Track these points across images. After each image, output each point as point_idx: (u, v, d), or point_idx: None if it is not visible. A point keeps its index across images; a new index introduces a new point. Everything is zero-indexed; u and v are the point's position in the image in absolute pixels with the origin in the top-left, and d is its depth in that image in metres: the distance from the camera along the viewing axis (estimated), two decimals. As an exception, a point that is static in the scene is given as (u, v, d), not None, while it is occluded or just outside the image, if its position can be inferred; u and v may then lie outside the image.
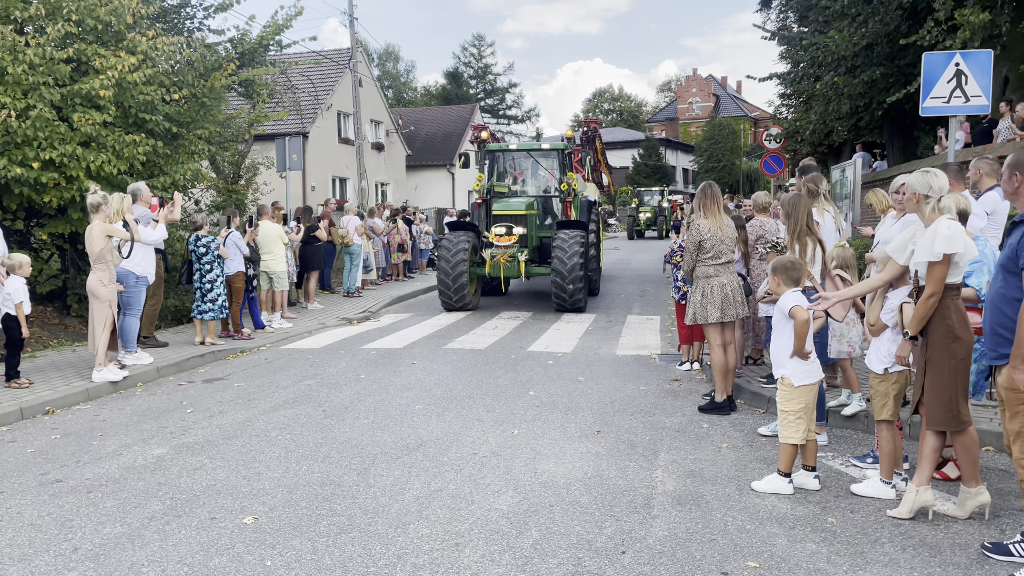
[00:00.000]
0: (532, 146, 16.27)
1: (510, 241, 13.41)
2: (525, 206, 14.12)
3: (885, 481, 4.93)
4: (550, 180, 15.74)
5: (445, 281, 13.45)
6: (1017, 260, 3.79)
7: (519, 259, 13.32)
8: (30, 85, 9.69)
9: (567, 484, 5.23)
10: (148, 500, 5.07)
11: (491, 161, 15.74)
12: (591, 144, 19.77)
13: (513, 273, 13.42)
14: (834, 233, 7.15)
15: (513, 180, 16.20)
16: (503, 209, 14.19)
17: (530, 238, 14.06)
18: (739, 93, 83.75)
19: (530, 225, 14.08)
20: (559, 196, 15.42)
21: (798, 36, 20.50)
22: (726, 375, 7.13)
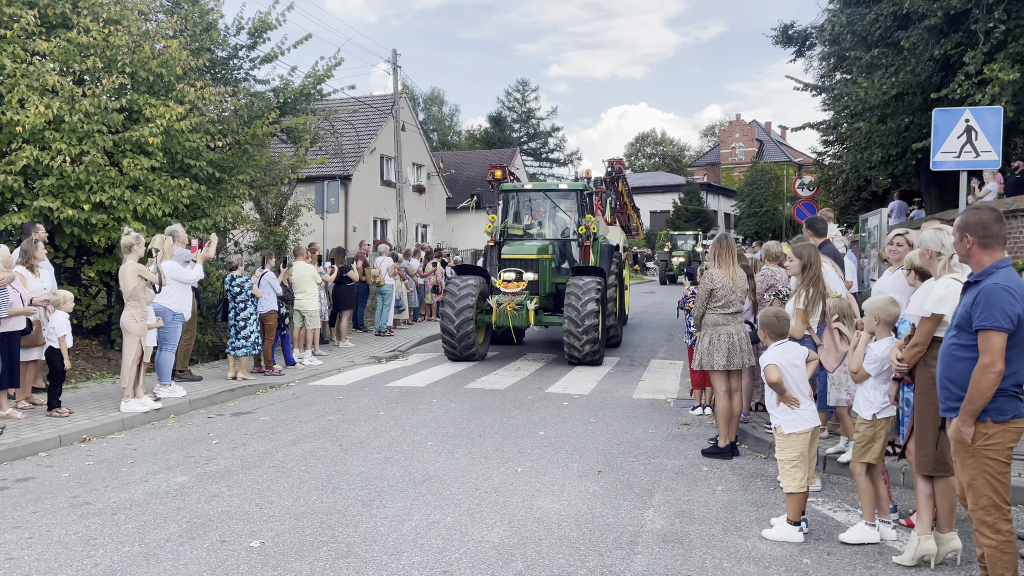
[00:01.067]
0: (548, 186, 15.34)
1: (518, 288, 12.61)
2: (537, 250, 13.15)
3: (870, 524, 5.06)
4: (569, 223, 14.75)
5: (449, 329, 12.68)
6: (971, 320, 3.98)
7: (528, 307, 12.49)
8: (85, 132, 10.41)
9: (559, 520, 5.47)
10: (166, 523, 5.44)
11: (505, 201, 14.80)
12: (614, 185, 19.08)
13: (521, 322, 12.55)
14: (836, 283, 7.32)
15: (528, 222, 15.28)
16: (513, 253, 13.24)
17: (543, 284, 13.13)
18: (783, 139, 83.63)
19: (543, 270, 13.18)
20: (577, 240, 14.46)
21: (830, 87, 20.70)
22: (730, 421, 7.30)
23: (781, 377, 5.28)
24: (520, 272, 12.75)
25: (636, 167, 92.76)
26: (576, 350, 12.31)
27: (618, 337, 15.19)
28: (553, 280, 13.64)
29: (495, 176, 14.96)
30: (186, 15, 13.53)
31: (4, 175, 9.84)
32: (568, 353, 12.43)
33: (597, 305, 12.21)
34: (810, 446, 5.32)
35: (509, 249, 13.42)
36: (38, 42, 10.67)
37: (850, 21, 17.44)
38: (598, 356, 12.52)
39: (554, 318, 13.21)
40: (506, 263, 13.11)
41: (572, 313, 12.14)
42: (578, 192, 14.54)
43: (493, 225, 14.51)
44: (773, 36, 22.52)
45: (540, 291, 12.97)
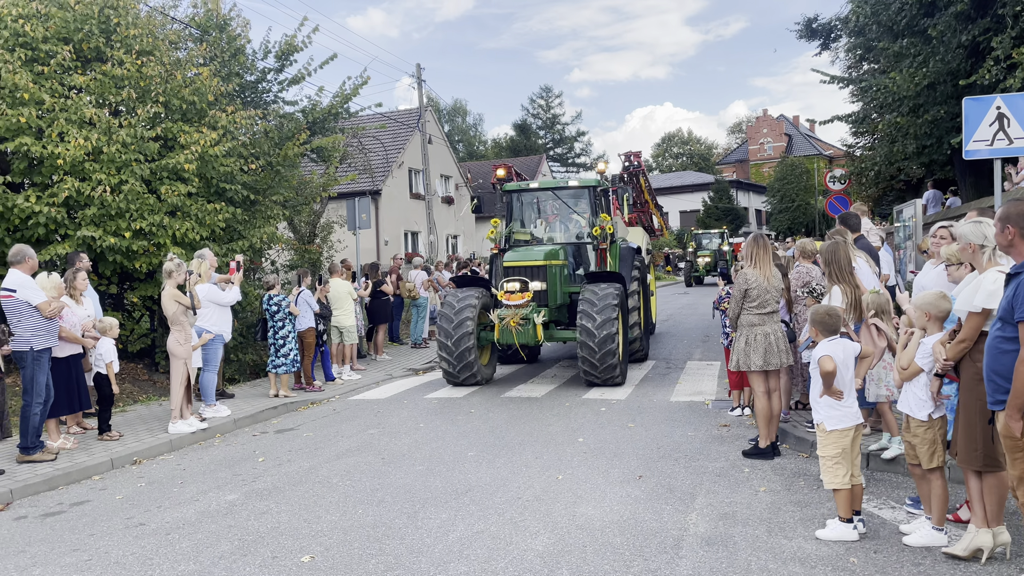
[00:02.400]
0: (557, 183, 13.61)
1: (523, 299, 11.05)
2: (544, 255, 11.68)
3: (938, 528, 4.99)
4: (583, 224, 13.31)
5: (447, 347, 11.25)
6: (1013, 312, 3.96)
7: (535, 321, 11.00)
8: (123, 162, 10.68)
9: (602, 526, 5.50)
10: (219, 541, 5.57)
11: (509, 203, 13.39)
12: (633, 181, 17.79)
13: (527, 339, 11.04)
14: (871, 280, 7.29)
15: (537, 225, 13.78)
16: (516, 260, 11.67)
17: (552, 294, 11.65)
18: (812, 132, 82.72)
19: (553, 278, 11.69)
20: (592, 243, 12.97)
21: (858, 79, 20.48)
22: (770, 421, 7.28)
23: (836, 368, 5.24)
24: (525, 281, 11.25)
25: (663, 167, 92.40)
26: (593, 370, 10.87)
27: (643, 351, 13.53)
28: (566, 289, 12.12)
29: (498, 176, 13.55)
30: (215, 42, 13.83)
31: (48, 207, 10.14)
32: (585, 374, 11.02)
33: (616, 316, 10.78)
34: (852, 443, 5.29)
35: (512, 256, 11.91)
36: (75, 76, 10.99)
37: (875, 11, 17.27)
38: (619, 377, 11.04)
39: (568, 332, 11.68)
40: (509, 271, 11.59)
41: (587, 327, 10.71)
42: (590, 189, 13.14)
43: (496, 230, 13.06)
44: (797, 30, 22.36)
45: (550, 302, 11.60)
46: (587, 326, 10.70)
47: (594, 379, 10.96)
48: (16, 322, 7.63)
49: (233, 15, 14.48)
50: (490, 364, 12.25)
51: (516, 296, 11.11)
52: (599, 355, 10.70)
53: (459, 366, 11.30)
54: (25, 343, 7.61)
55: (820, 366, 5.28)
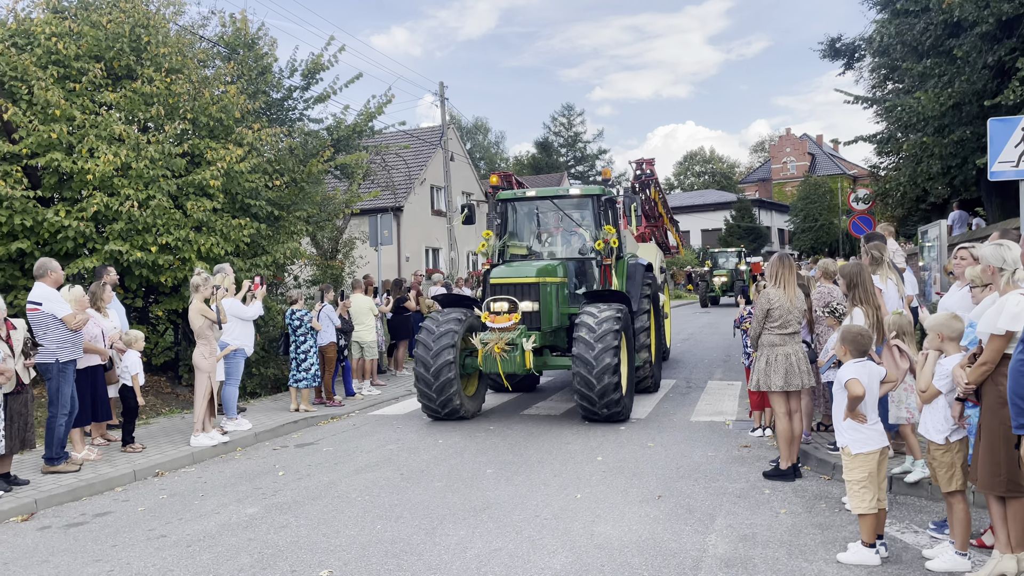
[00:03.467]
0: (556, 192, 12.10)
1: (509, 322, 9.80)
2: (537, 271, 10.31)
3: (961, 553, 4.92)
4: (587, 238, 11.87)
5: (424, 378, 9.95)
6: (1035, 332, 3.92)
7: (523, 347, 9.73)
8: (151, 178, 10.86)
9: (621, 546, 5.48)
10: (239, 554, 5.61)
11: (504, 213, 12.02)
12: (645, 191, 16.35)
13: (514, 368, 9.77)
14: (897, 301, 7.24)
15: (536, 238, 12.45)
16: (504, 276, 10.37)
17: (547, 315, 10.34)
18: (836, 151, 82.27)
19: (547, 298, 10.38)
20: (596, 258, 11.65)
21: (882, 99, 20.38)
22: (791, 443, 7.22)
23: (865, 392, 5.19)
24: (514, 301, 9.98)
25: (685, 185, 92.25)
26: (591, 405, 9.52)
27: (654, 380, 12.14)
28: (564, 310, 10.84)
29: (491, 183, 12.62)
30: (242, 60, 14.07)
31: (77, 221, 10.32)
32: (582, 408, 9.70)
33: (618, 342, 9.50)
34: (879, 467, 5.23)
35: (500, 272, 10.55)
36: (105, 93, 11.21)
37: (899, 31, 17.20)
38: (623, 412, 9.72)
39: (565, 360, 10.36)
40: (496, 290, 10.33)
41: (583, 355, 9.36)
42: (594, 198, 11.76)
43: (488, 243, 11.74)
44: (820, 50, 22.30)
45: (544, 325, 10.30)
46: (583, 354, 9.35)
47: (593, 415, 9.67)
48: (42, 334, 7.75)
49: (261, 34, 14.74)
50: (477, 395, 10.90)
51: (502, 318, 9.86)
52: (598, 388, 9.34)
53: (439, 399, 10.01)
54: (51, 355, 7.73)
55: (848, 389, 5.21)
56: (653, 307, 12.78)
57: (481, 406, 11.07)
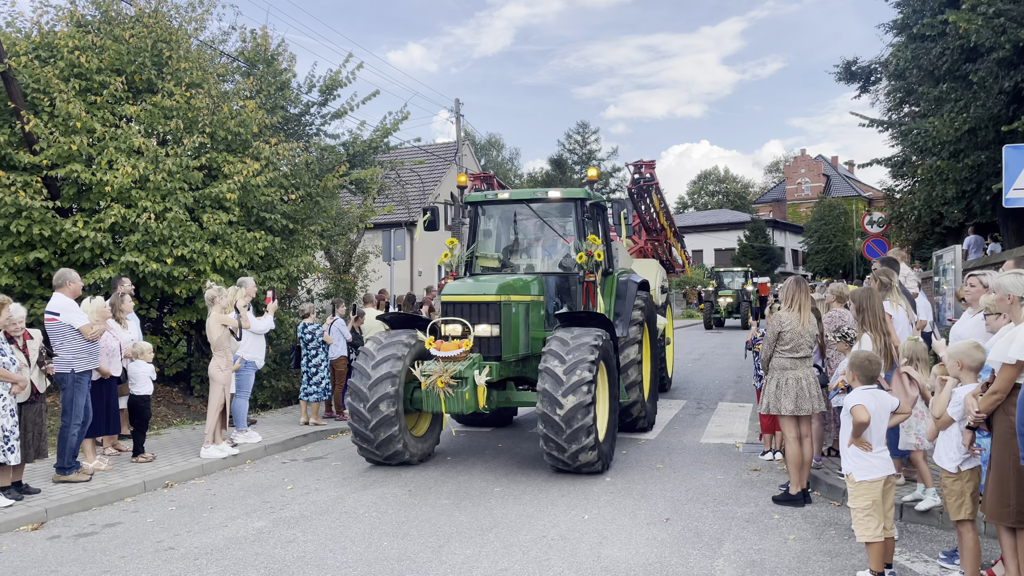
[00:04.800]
0: (532, 194, 10.16)
1: (458, 349, 8.09)
2: (499, 288, 8.58)
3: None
4: (573, 249, 9.98)
5: (358, 413, 8.34)
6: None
7: (474, 381, 7.99)
8: (168, 190, 10.98)
9: (628, 569, 5.46)
10: (245, 568, 5.63)
11: (473, 219, 10.33)
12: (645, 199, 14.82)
13: (460, 407, 8.04)
14: (907, 327, 7.21)
15: (511, 249, 10.57)
16: (457, 293, 8.72)
17: (512, 342, 8.66)
18: (851, 173, 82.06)
19: (514, 320, 8.69)
20: (578, 274, 9.81)
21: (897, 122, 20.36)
22: (801, 467, 7.18)
23: (870, 419, 5.15)
24: (465, 325, 8.31)
25: (699, 205, 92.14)
26: (559, 453, 7.82)
27: (648, 419, 10.52)
28: (538, 334, 9.12)
29: (459, 182, 10.89)
30: (262, 76, 14.23)
31: (94, 232, 10.44)
32: (547, 456, 7.99)
33: (594, 375, 7.79)
34: (885, 495, 5.19)
35: (454, 287, 8.91)
36: (126, 106, 11.36)
37: (915, 56, 17.21)
38: (598, 462, 7.97)
39: (532, 395, 8.64)
40: (448, 309, 8.65)
41: (549, 391, 7.72)
42: (577, 203, 9.87)
43: (453, 253, 10.03)
44: (836, 73, 22.32)
45: (507, 352, 8.61)
46: (550, 391, 7.71)
47: (560, 465, 7.99)
48: (59, 344, 7.83)
49: (281, 50, 14.90)
50: (429, 435, 9.19)
51: (450, 345, 8.15)
52: (567, 433, 7.62)
53: (376, 440, 8.32)
54: (66, 365, 7.81)
55: (853, 415, 5.19)
56: (648, 333, 11.16)
57: (435, 447, 9.35)
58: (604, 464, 8.21)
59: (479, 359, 8.27)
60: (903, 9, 18.33)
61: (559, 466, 8.04)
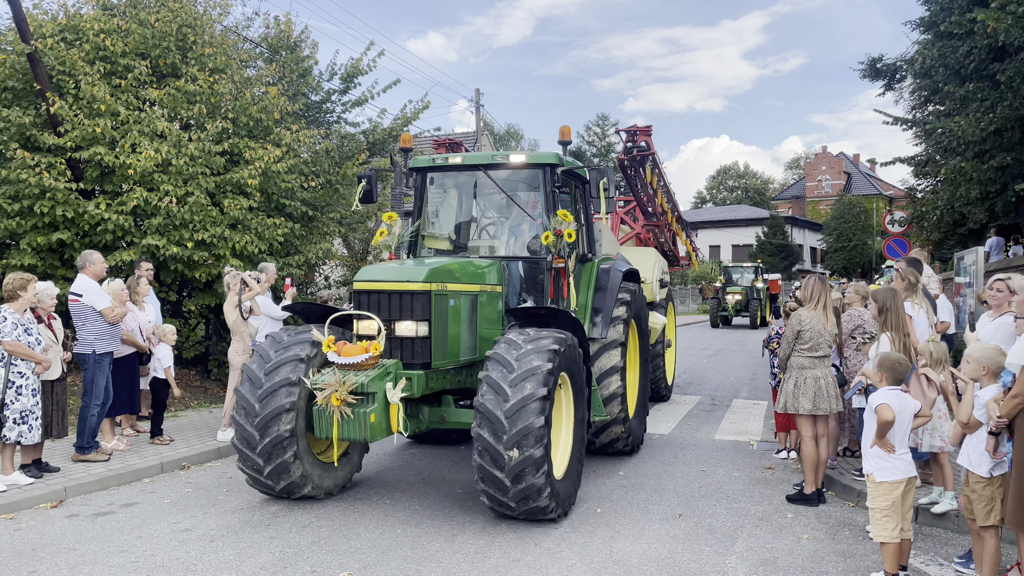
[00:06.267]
0: (489, 157, 8.28)
1: (364, 354, 6.08)
2: (428, 273, 6.63)
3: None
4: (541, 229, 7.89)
5: (245, 433, 6.45)
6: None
7: (385, 397, 6.09)
8: (190, 175, 11.05)
9: (639, 563, 5.47)
10: (261, 551, 5.68)
11: (420, 190, 8.52)
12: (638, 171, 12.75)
13: (362, 433, 6.02)
14: (927, 329, 7.15)
15: (467, 227, 8.67)
16: (370, 280, 6.76)
17: (449, 343, 6.79)
18: (872, 171, 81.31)
19: (451, 315, 6.82)
20: (545, 259, 7.88)
21: (922, 121, 20.14)
22: (816, 467, 7.14)
23: (895, 418, 5.12)
24: (378, 324, 6.26)
25: (718, 200, 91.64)
26: (499, 494, 5.93)
27: (632, 440, 8.71)
28: (494, 333, 7.34)
29: (402, 143, 8.86)
30: (284, 62, 14.27)
31: (116, 215, 10.53)
32: (485, 495, 6.07)
33: (548, 391, 5.91)
34: (904, 497, 5.16)
35: (368, 272, 6.91)
36: (149, 90, 11.44)
37: (942, 54, 17.01)
38: (551, 507, 6.04)
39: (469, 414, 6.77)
40: (361, 301, 6.71)
41: (489, 409, 5.86)
42: (545, 170, 8.04)
43: (392, 232, 7.99)
44: (860, 69, 22.10)
45: (438, 358, 6.66)
46: (490, 409, 5.85)
47: (502, 508, 6.07)
48: (80, 325, 7.92)
49: (303, 37, 14.93)
50: (344, 462, 7.22)
51: (354, 348, 6.15)
52: (510, 466, 5.73)
53: (268, 468, 6.47)
54: (88, 346, 7.90)
55: (878, 414, 5.14)
56: (636, 335, 9.37)
57: (352, 476, 7.40)
58: (563, 509, 6.29)
59: (396, 367, 6.31)
60: (930, 6, 18.09)
61: (500, 510, 6.09)
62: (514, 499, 5.90)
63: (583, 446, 6.99)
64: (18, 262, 10.36)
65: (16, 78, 11.02)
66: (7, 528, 6.20)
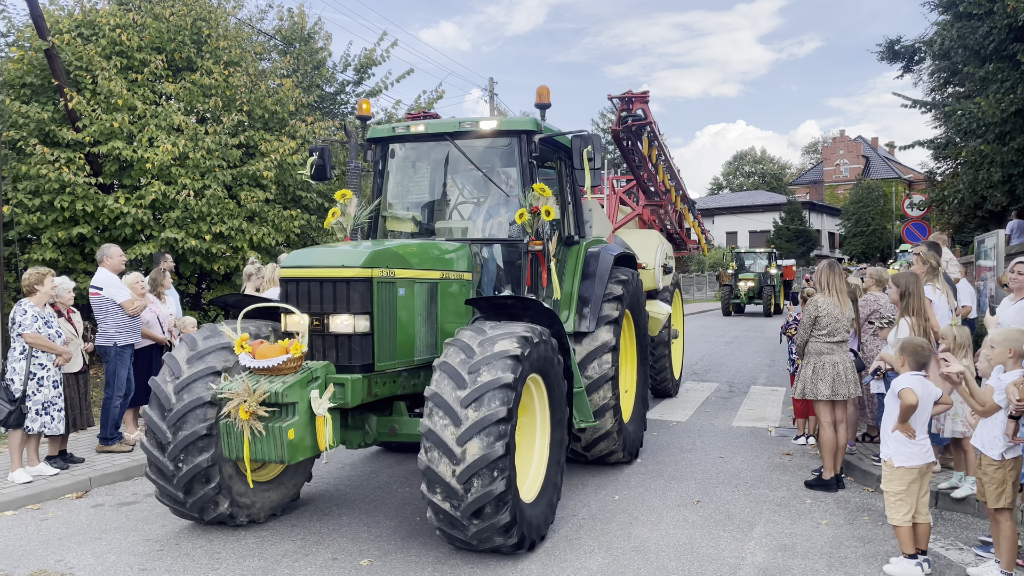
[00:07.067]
0: (456, 126, 7.11)
1: (283, 355, 5.14)
2: (369, 257, 5.56)
3: (1006, 573, 4.83)
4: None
5: (156, 446, 5.52)
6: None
7: (309, 407, 5.12)
8: (207, 168, 11.14)
9: (657, 549, 5.49)
10: (283, 539, 5.76)
11: (380, 162, 7.38)
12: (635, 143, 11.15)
13: (278, 454, 5.02)
14: (947, 313, 7.10)
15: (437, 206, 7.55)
16: (296, 265, 5.73)
17: (401, 341, 5.84)
18: (891, 155, 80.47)
19: (405, 308, 5.86)
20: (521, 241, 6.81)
21: (941, 103, 19.90)
22: (835, 453, 7.12)
23: (918, 403, 5.09)
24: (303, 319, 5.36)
25: (734, 186, 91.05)
26: (450, 527, 5.01)
27: (628, 450, 7.70)
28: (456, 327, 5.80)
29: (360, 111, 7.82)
30: (298, 54, 14.32)
31: (135, 208, 10.64)
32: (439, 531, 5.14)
33: (509, 409, 4.89)
34: (921, 482, 5.15)
35: (296, 257, 5.82)
36: (165, 84, 11.53)
37: (961, 35, 16.78)
38: (511, 540, 5.09)
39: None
40: (290, 291, 5.69)
41: (436, 432, 4.89)
42: (520, 138, 6.93)
43: (347, 211, 6.76)
44: (878, 52, 21.83)
45: (384, 359, 5.65)
46: (436, 432, 4.87)
47: (462, 545, 5.20)
48: (101, 318, 8.02)
49: (317, 28, 14.97)
50: (285, 479, 6.24)
51: (271, 349, 5.19)
52: (466, 502, 4.79)
53: (190, 500, 5.55)
54: (109, 339, 8.00)
55: (902, 398, 5.12)
56: (633, 328, 8.25)
57: (298, 492, 6.47)
58: (535, 537, 5.38)
59: (326, 370, 5.32)
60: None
61: (459, 545, 5.23)
62: (474, 539, 5.00)
63: (563, 451, 5.95)
64: (40, 256, 10.50)
65: (34, 74, 11.14)
66: (34, 518, 6.32)
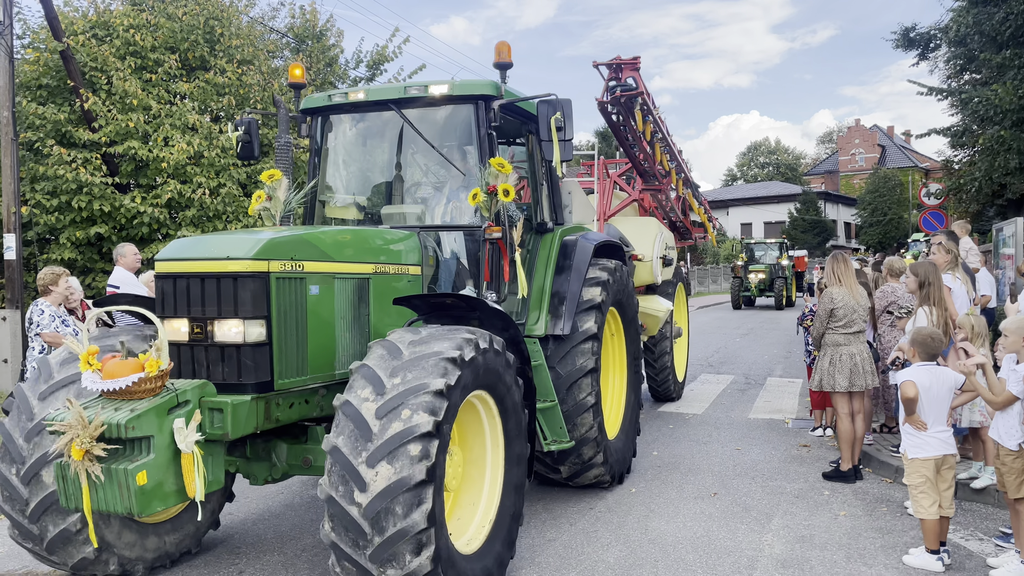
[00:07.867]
0: (402, 92, 5.91)
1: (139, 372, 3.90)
2: (264, 246, 4.35)
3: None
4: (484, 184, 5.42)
5: (7, 487, 4.38)
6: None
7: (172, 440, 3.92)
8: (221, 166, 11.21)
9: (675, 542, 5.49)
10: (302, 534, 5.81)
11: (318, 138, 6.24)
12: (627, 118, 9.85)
13: (123, 504, 3.78)
14: (965, 302, 7.05)
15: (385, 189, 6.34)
16: (172, 258, 4.48)
17: (313, 352, 4.68)
18: (907, 143, 79.70)
19: (316, 311, 4.68)
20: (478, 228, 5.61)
21: (957, 91, 19.69)
22: (853, 444, 7.10)
23: (918, 395, 5.08)
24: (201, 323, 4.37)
25: (748, 177, 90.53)
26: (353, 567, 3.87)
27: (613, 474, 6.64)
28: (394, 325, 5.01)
29: (292, 77, 6.40)
30: (310, 52, 14.36)
31: (152, 207, 10.72)
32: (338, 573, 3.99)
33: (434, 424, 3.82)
34: (943, 474, 5.11)
35: (173, 248, 4.63)
36: (180, 84, 11.60)
37: (977, 21, 16.61)
38: None
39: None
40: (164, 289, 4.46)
41: (341, 451, 3.82)
42: (478, 105, 5.78)
43: (274, 196, 5.58)
44: (893, 39, 21.62)
45: (288, 374, 4.51)
46: (344, 453, 3.84)
47: None
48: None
49: (329, 25, 15.01)
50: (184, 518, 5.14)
51: (120, 367, 3.96)
52: (375, 544, 3.77)
53: (42, 538, 4.44)
54: (128, 336, 8.06)
55: (901, 390, 5.14)
56: (621, 327, 7.22)
57: (200, 537, 5.36)
58: None
59: (199, 392, 4.19)
60: (965, -27, 17.67)
61: None
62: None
63: (520, 497, 4.88)
64: (58, 256, 10.61)
65: (50, 75, 11.24)
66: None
